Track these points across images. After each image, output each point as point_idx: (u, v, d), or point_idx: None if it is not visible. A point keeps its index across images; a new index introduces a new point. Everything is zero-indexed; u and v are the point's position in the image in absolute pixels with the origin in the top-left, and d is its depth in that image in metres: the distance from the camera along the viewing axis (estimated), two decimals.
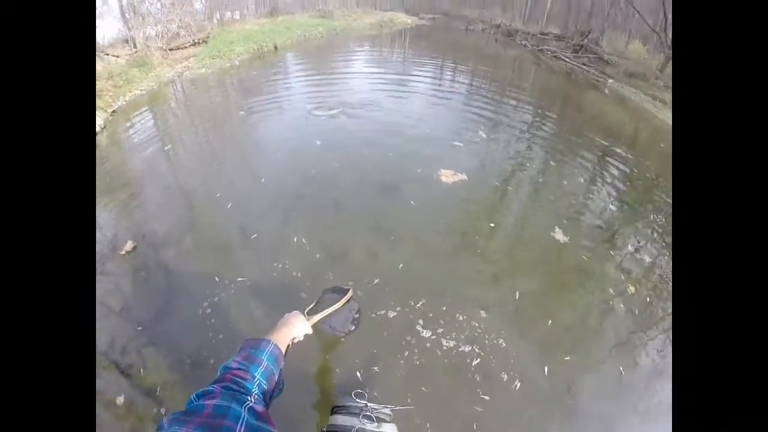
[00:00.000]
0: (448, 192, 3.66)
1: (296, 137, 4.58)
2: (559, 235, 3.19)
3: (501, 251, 3.03)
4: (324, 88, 6.03)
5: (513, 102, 6.13)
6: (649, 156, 5.00)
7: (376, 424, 0.99)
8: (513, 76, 8.25)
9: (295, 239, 2.99)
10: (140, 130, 4.72)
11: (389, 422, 1.03)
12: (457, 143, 4.52)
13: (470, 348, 2.29)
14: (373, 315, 2.42)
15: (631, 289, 2.79)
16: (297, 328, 1.01)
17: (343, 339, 2.15)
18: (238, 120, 5.05)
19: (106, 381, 2.09)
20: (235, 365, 0.75)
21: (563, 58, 9.93)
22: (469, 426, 1.93)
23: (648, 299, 2.76)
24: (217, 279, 2.62)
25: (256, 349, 0.82)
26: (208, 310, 2.42)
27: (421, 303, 2.51)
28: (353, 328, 1.34)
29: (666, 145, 5.66)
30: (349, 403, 1.09)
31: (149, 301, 2.53)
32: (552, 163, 4.38)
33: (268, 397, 0.76)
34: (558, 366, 2.24)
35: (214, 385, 0.67)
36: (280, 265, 2.74)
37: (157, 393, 2.03)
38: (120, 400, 2.01)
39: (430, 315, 2.44)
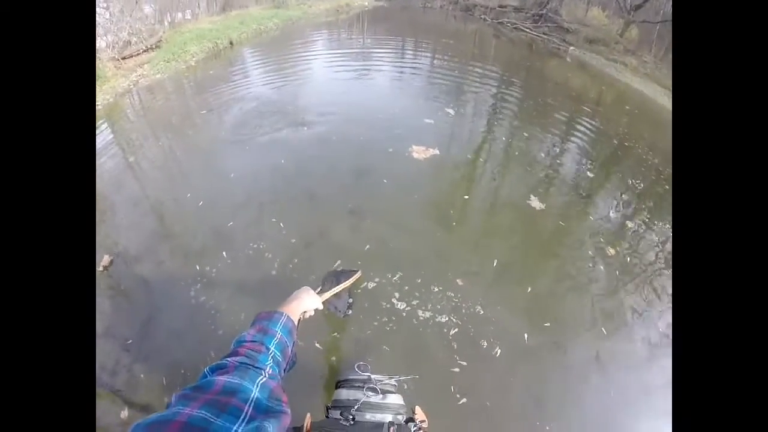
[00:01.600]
0: (421, 168, 3.68)
1: (262, 130, 4.46)
2: (535, 203, 3.26)
3: (476, 222, 3.08)
4: (284, 78, 5.87)
5: (477, 76, 6.14)
6: (614, 118, 5.13)
7: (381, 396, 0.97)
8: (475, 51, 8.25)
9: (271, 229, 2.96)
10: (100, 146, 4.51)
11: (394, 393, 1.01)
12: (427, 120, 4.52)
13: (447, 318, 2.36)
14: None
15: (611, 251, 2.88)
16: (307, 302, 1.00)
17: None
18: (199, 121, 4.88)
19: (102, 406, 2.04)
20: (248, 338, 0.74)
21: (523, 29, 9.99)
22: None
23: (627, 259, 2.87)
24: (198, 281, 2.58)
25: (269, 321, 0.81)
26: (193, 313, 2.39)
27: (398, 276, 2.55)
28: (350, 312, 1.37)
29: (630, 106, 5.82)
30: (352, 377, 1.07)
31: (132, 315, 2.47)
32: (524, 133, 4.44)
33: (282, 370, 0.75)
34: (538, 332, 2.32)
35: (228, 359, 0.65)
36: (257, 254, 2.74)
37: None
38: (124, 413, 1.99)
39: (406, 288, 2.48)
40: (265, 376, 0.62)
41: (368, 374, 1.07)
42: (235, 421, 0.47)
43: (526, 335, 2.28)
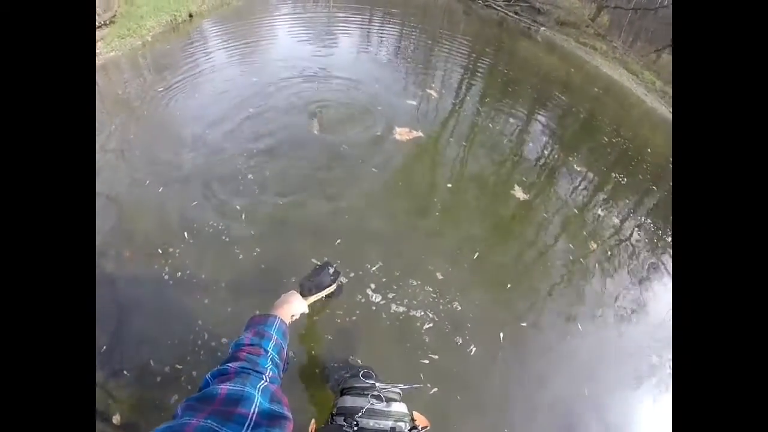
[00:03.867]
0: (404, 151, 3.55)
1: (226, 108, 4.04)
2: (519, 193, 3.23)
3: (459, 212, 3.03)
4: (249, 54, 5.53)
5: (445, 53, 5.98)
6: (583, 100, 5.24)
7: (385, 403, 1.00)
8: (444, 27, 8.09)
9: (240, 216, 2.75)
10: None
11: (399, 401, 1.04)
12: (410, 101, 4.36)
13: (422, 313, 2.36)
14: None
15: (593, 245, 2.91)
16: (296, 306, 1.04)
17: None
18: (155, 100, 4.51)
19: None
20: (246, 341, 0.76)
21: (494, 6, 9.87)
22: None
23: (609, 255, 2.93)
24: (166, 277, 2.39)
25: (264, 324, 0.83)
26: (164, 314, 2.25)
27: (377, 266, 2.52)
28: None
29: (598, 88, 5.96)
30: (357, 384, 1.09)
31: (102, 320, 2.26)
32: (500, 116, 4.40)
33: (281, 371, 0.76)
34: (514, 331, 2.34)
35: (229, 364, 0.67)
36: (216, 232, 2.60)
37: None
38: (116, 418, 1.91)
39: (383, 280, 2.45)
40: (266, 381, 0.64)
41: (372, 382, 1.09)
42: (240, 429, 0.49)
43: (501, 334, 2.31)
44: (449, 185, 3.26)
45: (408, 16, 8.02)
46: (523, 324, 2.38)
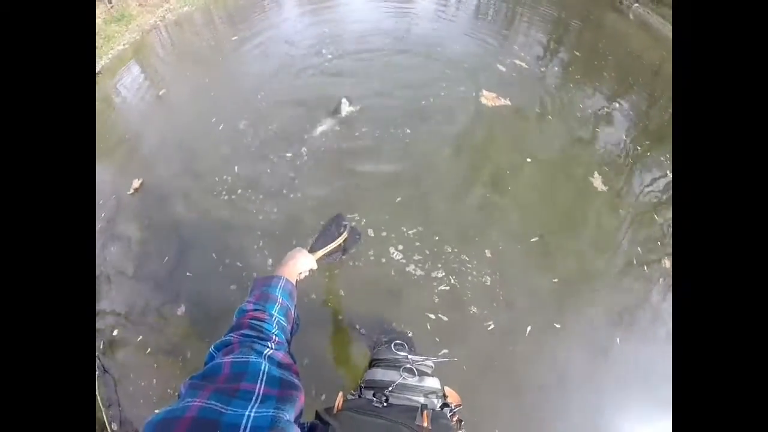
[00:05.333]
0: (489, 116, 3.44)
1: (299, 60, 4.26)
2: (598, 182, 2.93)
3: (531, 190, 2.83)
4: (322, 10, 5.45)
5: (527, 20, 5.52)
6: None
7: (417, 377, 0.93)
8: None
9: (302, 164, 3.00)
10: (129, 83, 4.45)
11: (431, 375, 0.97)
12: (499, 66, 4.15)
13: (443, 275, 2.31)
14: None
15: (666, 262, 2.50)
16: (302, 262, 1.00)
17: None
18: (230, 51, 4.70)
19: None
20: (250, 306, 0.73)
21: None
22: None
23: (671, 276, 2.44)
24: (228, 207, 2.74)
25: (267, 286, 0.80)
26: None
27: (414, 231, 2.51)
28: (344, 257, 1.38)
29: None
30: (388, 356, 1.04)
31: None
32: (587, 94, 3.97)
33: (288, 334, 0.74)
34: (544, 329, 2.15)
35: (232, 334, 0.65)
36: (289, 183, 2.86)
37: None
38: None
39: (417, 244, 2.44)
40: (271, 348, 0.61)
41: (405, 354, 1.03)
42: (246, 405, 0.46)
43: (529, 327, 2.16)
44: (528, 160, 3.05)
45: None
46: (557, 325, 2.17)
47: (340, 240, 1.30)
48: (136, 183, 3.08)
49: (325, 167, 3.01)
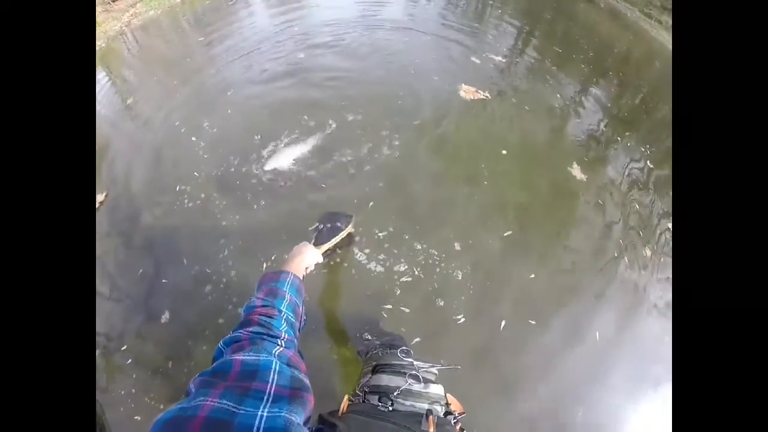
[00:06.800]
0: (466, 110, 3.43)
1: (274, 60, 4.18)
2: (577, 172, 2.92)
3: (507, 183, 2.81)
4: (292, 9, 5.37)
5: (498, 10, 5.55)
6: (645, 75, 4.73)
7: (422, 384, 0.93)
8: None
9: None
10: (97, 91, 4.30)
11: (435, 383, 0.97)
12: (474, 59, 4.14)
13: (406, 268, 2.30)
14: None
15: (647, 251, 2.49)
16: (309, 256, 1.02)
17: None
18: (198, 53, 4.61)
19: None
20: (258, 303, 0.73)
21: None
22: None
23: (662, 263, 2.49)
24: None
25: (276, 281, 0.80)
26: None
27: (389, 230, 2.47)
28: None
29: (661, 65, 5.33)
30: (394, 362, 1.04)
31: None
32: (563, 84, 4.00)
33: (297, 330, 0.75)
34: (519, 325, 2.13)
35: (241, 331, 0.65)
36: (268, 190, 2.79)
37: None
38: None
39: (386, 246, 2.41)
40: (280, 346, 0.62)
41: (411, 360, 1.03)
42: (259, 404, 0.46)
43: (503, 322, 2.13)
44: (504, 152, 3.04)
45: None
46: (532, 322, 2.16)
47: (345, 233, 1.32)
48: (100, 197, 2.99)
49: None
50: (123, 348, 2.24)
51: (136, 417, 2.03)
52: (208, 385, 0.49)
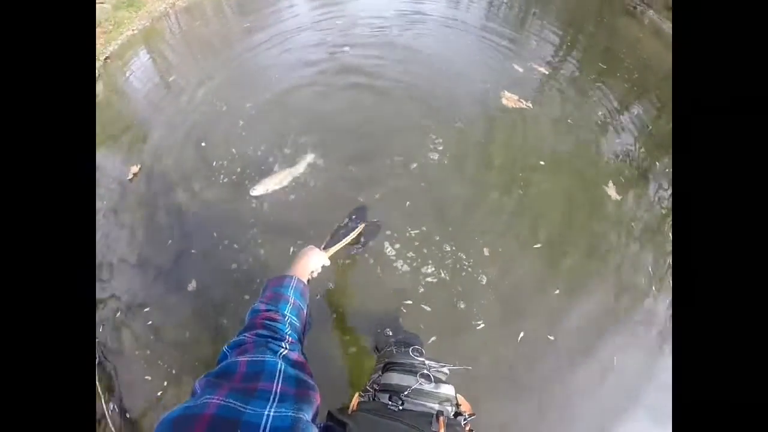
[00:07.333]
0: (507, 116, 3.39)
1: (312, 51, 4.22)
2: (612, 191, 2.84)
3: (542, 195, 2.77)
4: (333, 2, 5.38)
5: (539, 20, 5.44)
6: None
7: (433, 384, 0.92)
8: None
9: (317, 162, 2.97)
10: (138, 70, 4.45)
11: (446, 383, 0.96)
12: (516, 66, 4.08)
13: (433, 269, 2.30)
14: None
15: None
16: (314, 260, 1.01)
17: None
18: (239, 37, 4.70)
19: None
20: (262, 307, 0.74)
21: None
22: None
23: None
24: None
25: (279, 286, 0.81)
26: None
27: (422, 229, 2.47)
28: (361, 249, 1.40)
29: None
30: (406, 360, 1.03)
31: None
32: (603, 99, 3.87)
33: (301, 334, 0.75)
34: (536, 339, 2.08)
35: (246, 334, 0.65)
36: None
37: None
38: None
39: (416, 244, 2.41)
40: (285, 348, 0.62)
41: (422, 359, 1.03)
42: (265, 404, 0.46)
43: (522, 334, 2.09)
44: (542, 163, 2.99)
45: None
46: (551, 337, 2.11)
47: (353, 234, 1.32)
48: (134, 168, 3.10)
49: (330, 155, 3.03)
50: (146, 310, 2.33)
51: (146, 377, 2.11)
52: (213, 385, 0.49)
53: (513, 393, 1.96)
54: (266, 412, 0.44)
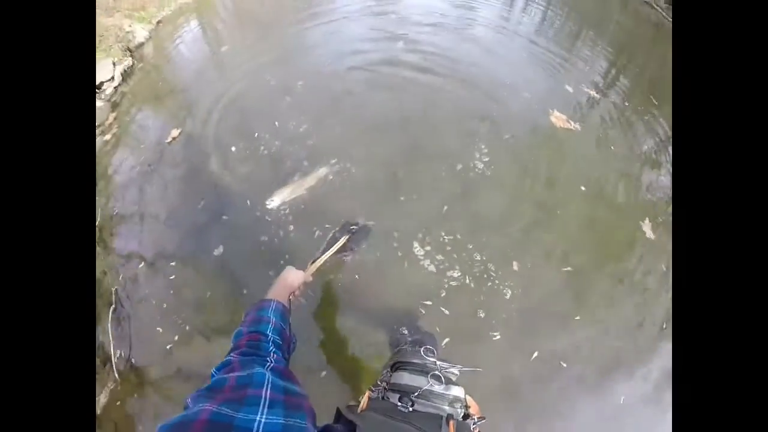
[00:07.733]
0: (555, 136, 3.34)
1: (365, 40, 4.19)
2: (647, 229, 2.75)
3: (579, 220, 2.72)
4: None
5: (590, 43, 5.31)
6: None
7: (444, 385, 0.91)
8: (594, 15, 7.13)
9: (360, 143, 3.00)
10: (188, 37, 4.50)
11: (456, 384, 0.95)
12: (567, 87, 3.99)
13: (458, 274, 2.30)
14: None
15: None
16: (291, 280, 1.03)
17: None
18: (292, 15, 4.71)
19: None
20: (245, 330, 0.76)
21: (654, 6, 8.54)
22: None
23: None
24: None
25: (259, 309, 0.84)
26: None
27: (456, 236, 2.47)
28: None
29: None
30: (416, 360, 1.02)
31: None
32: (651, 131, 3.75)
33: (285, 352, 0.77)
34: (549, 363, 2.07)
35: (232, 354, 0.67)
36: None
37: None
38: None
39: (448, 249, 2.41)
40: (271, 362, 0.64)
41: (434, 359, 1.02)
42: (256, 410, 0.47)
43: (536, 353, 2.09)
44: (583, 188, 2.93)
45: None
46: (563, 364, 2.08)
47: (336, 247, 1.39)
48: (174, 132, 3.16)
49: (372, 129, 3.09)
50: (171, 264, 2.40)
51: (158, 328, 2.18)
52: (205, 397, 0.50)
53: (513, 409, 1.96)
54: (258, 418, 0.46)
